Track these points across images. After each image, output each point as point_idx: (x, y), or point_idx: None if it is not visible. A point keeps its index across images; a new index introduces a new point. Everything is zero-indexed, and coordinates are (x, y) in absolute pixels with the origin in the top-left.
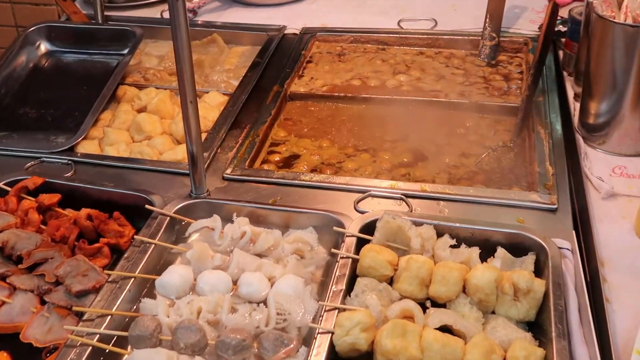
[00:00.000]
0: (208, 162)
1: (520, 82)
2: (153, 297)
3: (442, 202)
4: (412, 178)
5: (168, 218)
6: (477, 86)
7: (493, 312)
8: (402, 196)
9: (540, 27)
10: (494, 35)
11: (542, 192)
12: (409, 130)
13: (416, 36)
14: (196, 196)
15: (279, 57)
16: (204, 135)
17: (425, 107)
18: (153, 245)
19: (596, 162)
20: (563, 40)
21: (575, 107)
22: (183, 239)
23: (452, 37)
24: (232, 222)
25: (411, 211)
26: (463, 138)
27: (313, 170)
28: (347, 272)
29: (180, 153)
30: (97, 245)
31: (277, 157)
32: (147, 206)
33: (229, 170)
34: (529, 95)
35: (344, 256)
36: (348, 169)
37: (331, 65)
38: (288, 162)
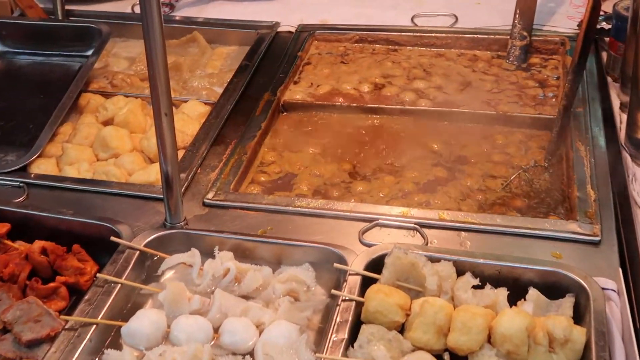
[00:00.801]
0: (186, 184)
1: (556, 89)
2: (119, 347)
3: (463, 233)
4: (428, 204)
5: (137, 252)
6: (507, 94)
7: None
8: (416, 226)
9: (579, 25)
10: (525, 34)
11: (582, 222)
12: (424, 147)
13: (433, 35)
14: (171, 226)
15: (271, 59)
16: (181, 153)
17: (444, 119)
18: (119, 285)
19: None
20: (607, 39)
21: (621, 119)
22: (155, 277)
23: (475, 36)
24: (213, 257)
25: (427, 244)
26: (489, 156)
27: (313, 194)
28: (350, 318)
29: (152, 174)
30: (52, 285)
31: (268, 179)
32: (112, 238)
33: (210, 195)
34: (566, 105)
35: (347, 298)
36: (351, 193)
37: (332, 69)
38: (281, 185)
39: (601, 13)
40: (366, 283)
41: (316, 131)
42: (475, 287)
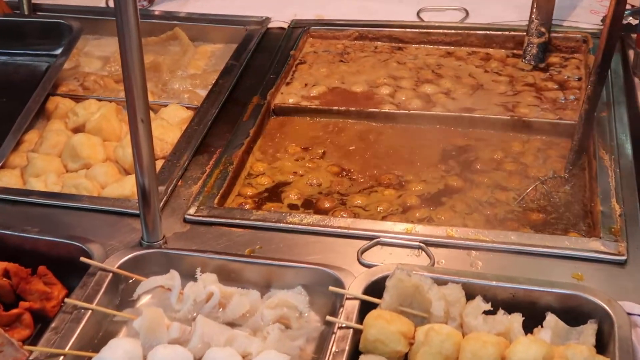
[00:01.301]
0: (165, 199)
1: (577, 92)
2: None
3: (474, 252)
4: (435, 219)
5: (110, 274)
6: (524, 97)
7: None
8: (422, 244)
9: (603, 20)
10: (543, 30)
11: (606, 239)
12: (430, 156)
13: (441, 31)
14: (148, 245)
15: (261, 58)
16: (160, 163)
17: (452, 125)
18: (90, 311)
19: None
20: (634, 36)
21: None
22: (130, 302)
23: (488, 32)
24: (195, 279)
25: (433, 265)
26: (502, 166)
27: (307, 208)
28: (347, 347)
29: (128, 187)
30: (15, 311)
31: (256, 192)
32: (82, 259)
33: (192, 210)
34: (588, 109)
35: (343, 325)
36: (348, 206)
37: (330, 69)
38: (271, 199)
39: (628, 7)
40: (365, 308)
41: (310, 138)
42: (486, 312)
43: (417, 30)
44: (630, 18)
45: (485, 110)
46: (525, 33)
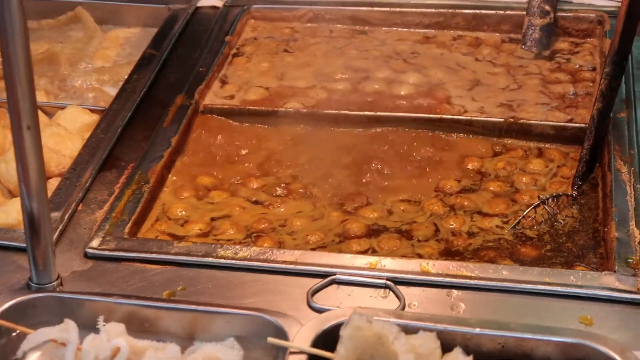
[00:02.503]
0: (61, 228)
1: (590, 85)
2: None
3: (455, 291)
4: (405, 250)
5: None
6: (524, 92)
7: None
8: (389, 282)
9: None
10: (547, 8)
11: (622, 273)
12: (400, 170)
13: (418, 10)
14: (38, 287)
15: (188, 46)
16: (55, 182)
17: (427, 128)
18: None
19: None
20: None
21: None
22: None
23: (477, 11)
24: (97, 331)
25: (403, 308)
26: (492, 182)
27: (244, 238)
28: None
29: (12, 213)
30: None
31: (179, 218)
32: None
33: (95, 242)
34: (602, 109)
35: None
36: (297, 234)
37: (273, 61)
38: (197, 226)
39: None
40: None
41: (248, 148)
42: None
43: (386, 9)
44: None
45: (473, 111)
46: (525, 12)
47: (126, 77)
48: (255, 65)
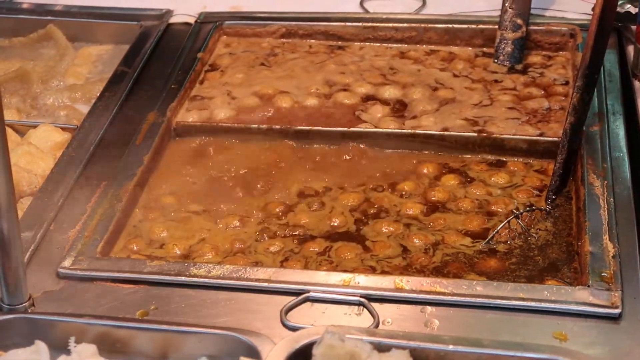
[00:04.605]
0: (33, 248)
1: (563, 99)
2: None
3: (429, 308)
4: (379, 267)
5: None
6: (495, 108)
7: None
8: (362, 299)
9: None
10: (519, 22)
11: (596, 287)
12: (372, 185)
13: (391, 25)
14: (9, 309)
15: (160, 63)
16: (26, 202)
17: (404, 144)
18: None
19: None
20: (633, 27)
21: None
22: None
23: (450, 25)
24: (68, 352)
25: (377, 326)
26: (465, 197)
27: (217, 256)
28: None
29: None
30: None
31: (151, 237)
32: None
33: (67, 262)
34: (574, 122)
35: None
36: (271, 252)
37: (249, 73)
38: (170, 246)
39: None
40: None
41: (223, 166)
42: None
43: (360, 24)
44: (629, 5)
45: (448, 126)
46: (497, 26)
47: (98, 94)
48: (232, 79)
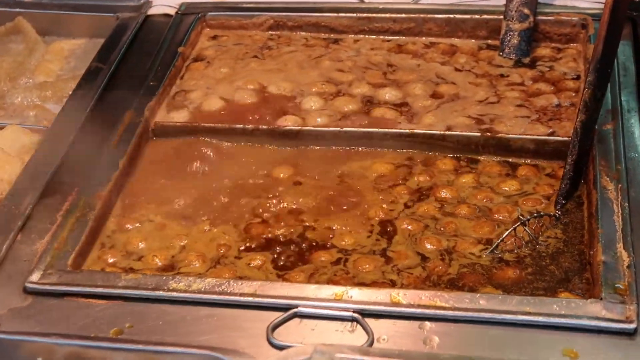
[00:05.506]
0: None
1: (574, 94)
2: None
3: (428, 323)
4: (373, 279)
5: None
6: (502, 105)
7: None
8: (356, 314)
9: None
10: (526, 12)
11: (609, 300)
12: (366, 190)
13: (388, 15)
14: None
15: (138, 58)
16: None
17: (400, 145)
18: None
19: None
20: None
21: None
22: None
23: (451, 16)
24: None
25: (371, 344)
26: (468, 203)
27: (199, 268)
28: None
29: None
30: None
31: (127, 248)
32: None
33: (35, 276)
34: (585, 121)
35: None
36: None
37: (235, 67)
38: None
39: None
40: None
41: (205, 170)
42: None
43: (354, 15)
44: None
45: (449, 124)
46: (502, 16)
47: (70, 92)
48: (215, 73)
